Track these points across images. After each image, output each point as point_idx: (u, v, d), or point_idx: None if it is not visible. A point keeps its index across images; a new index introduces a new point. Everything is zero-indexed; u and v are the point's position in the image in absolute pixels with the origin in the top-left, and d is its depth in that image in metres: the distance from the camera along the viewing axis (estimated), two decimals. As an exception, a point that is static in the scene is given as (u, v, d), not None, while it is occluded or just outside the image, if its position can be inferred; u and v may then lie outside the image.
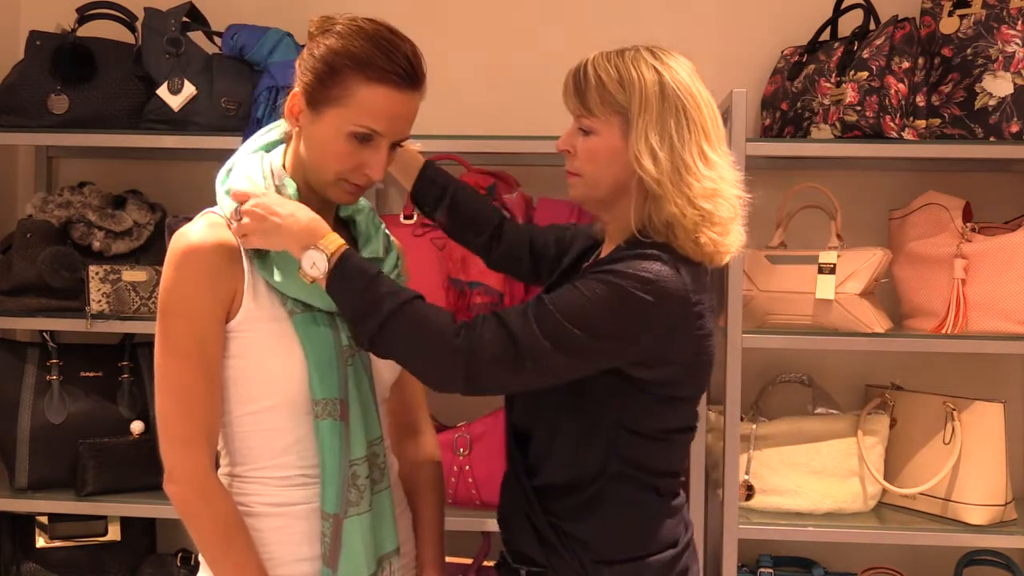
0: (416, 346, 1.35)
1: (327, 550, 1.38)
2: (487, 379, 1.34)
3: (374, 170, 1.40)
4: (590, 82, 1.41)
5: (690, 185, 1.36)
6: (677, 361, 1.39)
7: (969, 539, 2.17)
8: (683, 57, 1.44)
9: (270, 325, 1.39)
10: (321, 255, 1.35)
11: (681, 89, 1.39)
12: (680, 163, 1.37)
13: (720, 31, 2.50)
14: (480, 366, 1.32)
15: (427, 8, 2.53)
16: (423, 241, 2.23)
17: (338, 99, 1.36)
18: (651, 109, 1.37)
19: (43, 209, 2.29)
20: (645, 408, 1.41)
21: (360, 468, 1.41)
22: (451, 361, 1.32)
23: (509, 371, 1.32)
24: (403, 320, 1.33)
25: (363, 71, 1.35)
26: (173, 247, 1.39)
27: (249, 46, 2.30)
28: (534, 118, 2.22)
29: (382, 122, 1.37)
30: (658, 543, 1.44)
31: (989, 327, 2.14)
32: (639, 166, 1.37)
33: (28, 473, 2.27)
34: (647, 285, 1.32)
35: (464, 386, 1.34)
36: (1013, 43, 2.13)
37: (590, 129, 1.42)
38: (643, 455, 1.43)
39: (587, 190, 1.45)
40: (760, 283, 2.25)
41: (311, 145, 1.41)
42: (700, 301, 1.38)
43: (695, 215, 1.36)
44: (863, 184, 2.45)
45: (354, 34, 1.37)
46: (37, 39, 2.32)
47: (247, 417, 1.42)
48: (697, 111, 1.39)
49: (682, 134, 1.37)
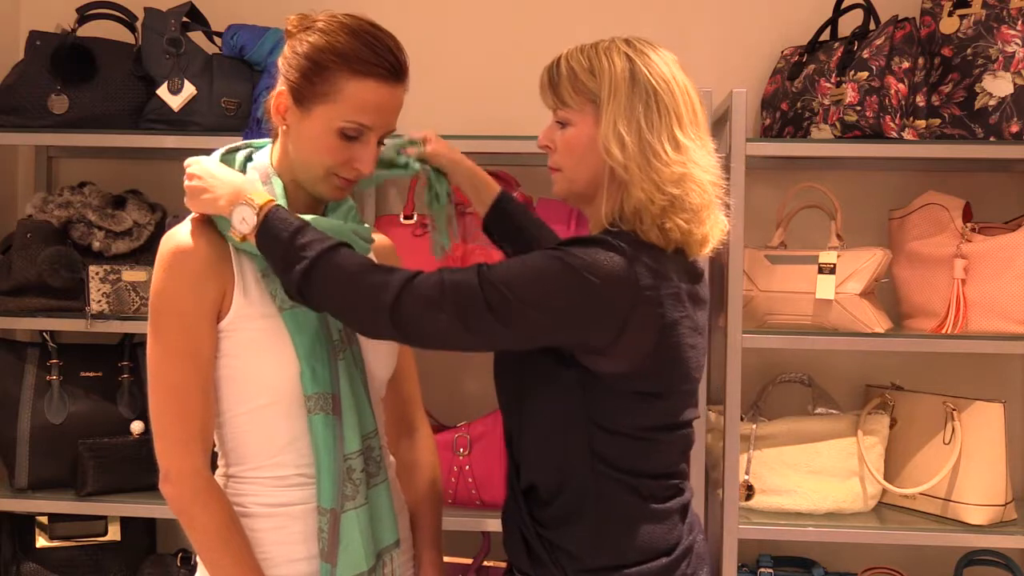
0: (344, 290, 1.32)
1: (325, 545, 1.39)
2: (410, 319, 1.30)
3: (363, 164, 1.41)
4: (562, 73, 1.41)
5: (658, 171, 1.34)
6: (635, 353, 1.34)
7: (969, 539, 2.17)
8: (665, 50, 1.43)
9: (261, 322, 1.39)
10: (250, 210, 1.36)
11: (654, 75, 1.37)
12: (648, 148, 1.35)
13: (720, 31, 2.50)
14: (407, 306, 1.30)
15: (427, 8, 2.53)
16: (423, 241, 2.23)
17: (326, 95, 1.37)
18: (620, 95, 1.36)
19: (43, 209, 2.29)
20: (615, 404, 1.37)
21: (355, 462, 1.41)
22: (379, 300, 1.30)
23: (434, 313, 1.29)
24: (329, 265, 1.32)
25: (350, 66, 1.36)
26: (162, 248, 1.39)
27: (249, 46, 2.30)
28: (533, 118, 2.21)
29: (370, 116, 1.38)
30: (645, 551, 1.39)
31: (989, 327, 2.14)
32: (607, 153, 1.36)
33: (28, 473, 2.27)
34: (591, 267, 1.29)
35: (390, 326, 1.31)
36: (1013, 43, 2.13)
37: (566, 121, 1.42)
38: (621, 454, 1.38)
39: (567, 184, 1.45)
40: (760, 283, 2.25)
41: (300, 142, 1.41)
42: (655, 287, 1.33)
43: (662, 200, 1.34)
44: (863, 184, 2.45)
45: (338, 30, 1.38)
46: (37, 39, 2.32)
47: (242, 417, 1.42)
48: (670, 96, 1.37)
49: (651, 119, 1.36)
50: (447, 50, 2.49)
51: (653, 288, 1.33)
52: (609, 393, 1.37)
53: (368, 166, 1.41)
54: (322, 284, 1.32)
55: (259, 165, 1.46)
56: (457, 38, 2.53)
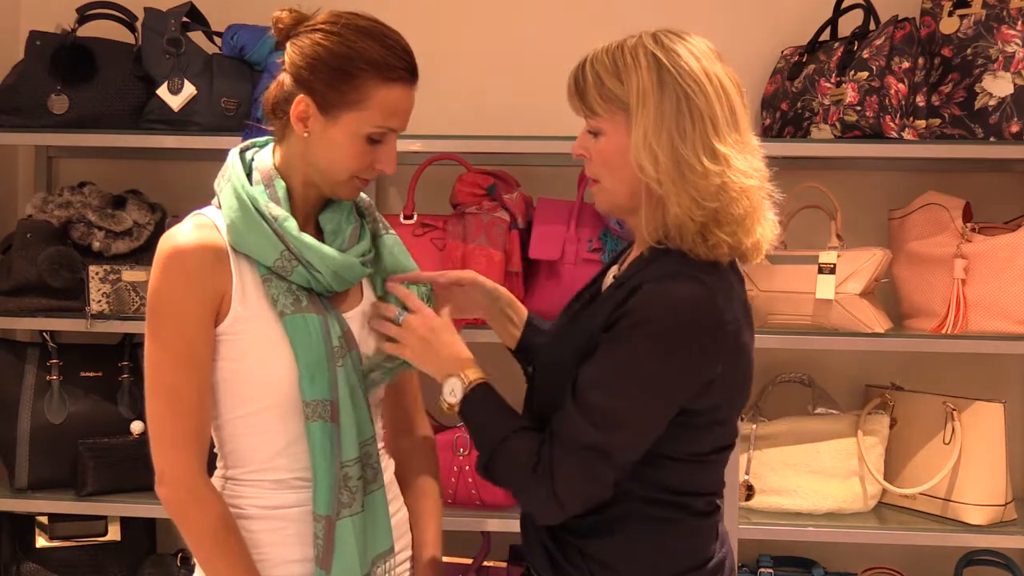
0: (512, 486, 1.36)
1: (320, 552, 1.38)
2: (576, 500, 1.30)
3: (387, 165, 1.41)
4: (588, 80, 1.33)
5: (694, 184, 1.26)
6: (721, 384, 1.30)
7: (969, 539, 2.17)
8: (699, 39, 1.33)
9: (260, 327, 1.38)
10: (460, 385, 1.40)
11: (683, 76, 1.27)
12: (682, 161, 1.26)
13: (720, 31, 2.48)
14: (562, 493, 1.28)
15: (428, 8, 2.53)
16: (423, 241, 2.23)
17: (356, 103, 1.36)
18: (648, 103, 1.27)
19: (43, 209, 2.29)
20: (684, 435, 1.31)
21: (352, 469, 1.40)
22: (539, 497, 1.30)
23: (590, 482, 1.28)
24: (499, 461, 1.34)
25: (381, 73, 1.35)
26: (160, 249, 1.38)
27: (249, 46, 2.30)
28: (534, 118, 2.22)
29: (397, 119, 1.39)
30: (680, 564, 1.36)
31: (989, 327, 2.14)
32: (639, 169, 1.28)
33: (28, 473, 2.27)
34: (679, 318, 1.25)
35: (562, 515, 1.31)
36: (1013, 43, 2.13)
37: (597, 130, 1.34)
38: (674, 477, 1.34)
39: (609, 198, 1.37)
40: (760, 283, 2.25)
41: (324, 149, 1.39)
42: (735, 318, 1.29)
43: (701, 215, 1.26)
44: (863, 184, 2.45)
45: (359, 35, 1.36)
46: (37, 39, 2.31)
47: (240, 420, 1.41)
48: (703, 98, 1.27)
49: (683, 128, 1.26)
50: (448, 50, 2.49)
51: (733, 321, 1.30)
52: (682, 426, 1.31)
53: (391, 166, 1.42)
54: (497, 480, 1.38)
55: (261, 166, 1.44)
56: (458, 38, 2.53)
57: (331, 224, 1.47)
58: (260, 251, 1.38)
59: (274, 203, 1.40)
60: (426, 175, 2.32)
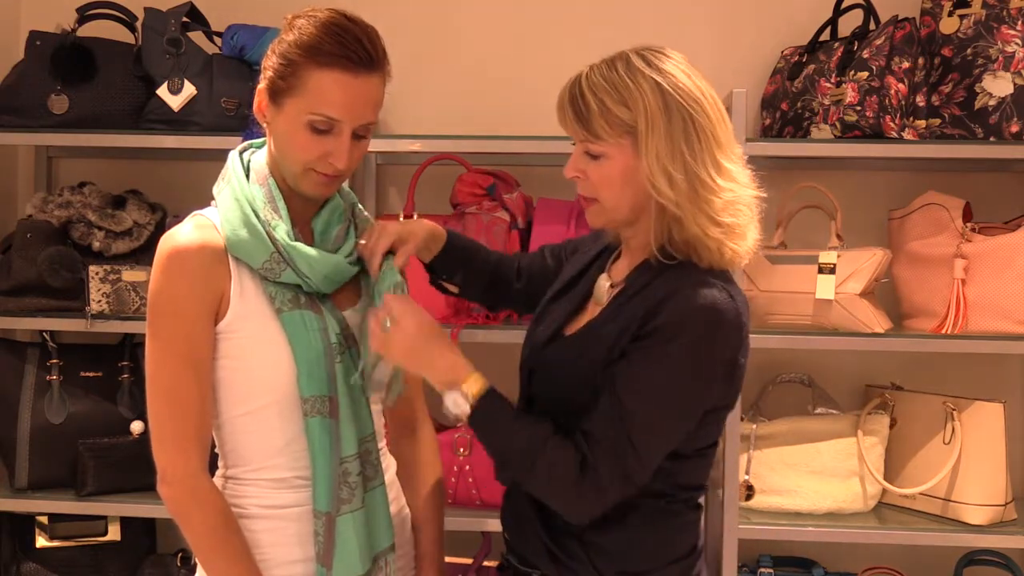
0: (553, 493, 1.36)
1: (321, 549, 1.39)
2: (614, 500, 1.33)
3: (338, 159, 1.38)
4: (591, 107, 1.34)
5: (709, 202, 1.32)
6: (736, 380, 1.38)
7: (969, 539, 2.17)
8: (674, 52, 1.38)
9: (258, 325, 1.39)
10: (463, 400, 1.37)
11: (683, 95, 1.32)
12: (696, 180, 1.31)
13: (720, 31, 2.50)
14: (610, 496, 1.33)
15: (428, 8, 2.53)
16: (423, 241, 2.22)
17: (293, 89, 1.35)
18: (657, 126, 1.31)
19: (43, 209, 2.29)
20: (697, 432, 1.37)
21: (351, 465, 1.41)
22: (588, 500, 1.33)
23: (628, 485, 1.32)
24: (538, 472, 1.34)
25: (313, 58, 1.34)
26: (160, 249, 1.39)
27: (249, 46, 2.30)
28: (534, 118, 2.21)
29: (337, 108, 1.35)
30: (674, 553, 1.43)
31: (989, 327, 2.14)
32: (655, 191, 1.32)
33: (28, 473, 2.27)
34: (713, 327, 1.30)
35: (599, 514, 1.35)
36: (1013, 43, 2.13)
37: (599, 154, 1.36)
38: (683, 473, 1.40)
39: (607, 214, 1.40)
40: (760, 283, 2.25)
41: (277, 139, 1.41)
42: (748, 321, 1.36)
43: (718, 232, 1.33)
44: (863, 184, 2.45)
45: (308, 24, 1.36)
46: (37, 39, 2.31)
47: (240, 419, 1.42)
48: (704, 117, 1.33)
49: (693, 147, 1.32)
50: (448, 50, 2.49)
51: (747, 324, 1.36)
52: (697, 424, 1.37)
53: (343, 161, 1.38)
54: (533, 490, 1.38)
55: (257, 166, 1.45)
56: (458, 38, 2.53)
57: (320, 224, 1.48)
58: (250, 252, 1.39)
59: (270, 204, 1.41)
60: (426, 175, 2.32)
